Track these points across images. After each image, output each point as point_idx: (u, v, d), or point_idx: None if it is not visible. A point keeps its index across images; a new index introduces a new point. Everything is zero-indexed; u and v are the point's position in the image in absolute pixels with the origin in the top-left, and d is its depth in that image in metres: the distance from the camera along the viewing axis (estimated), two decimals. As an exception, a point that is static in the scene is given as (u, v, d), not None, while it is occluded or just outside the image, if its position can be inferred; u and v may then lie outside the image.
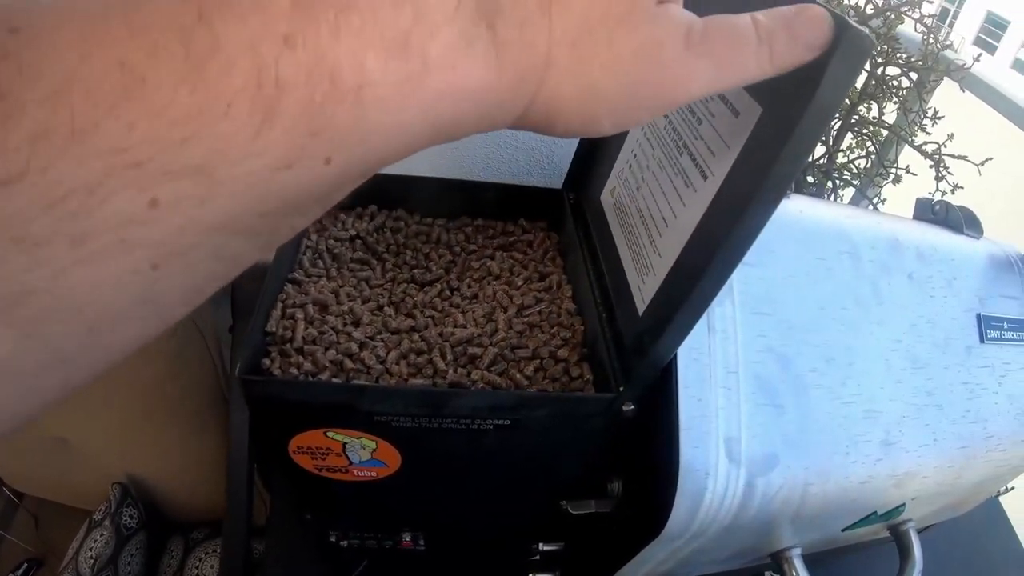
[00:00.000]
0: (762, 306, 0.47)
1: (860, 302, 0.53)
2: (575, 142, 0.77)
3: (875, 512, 0.57)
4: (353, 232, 0.58)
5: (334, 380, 0.45)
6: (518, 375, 0.46)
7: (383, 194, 0.62)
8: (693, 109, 0.42)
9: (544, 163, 0.78)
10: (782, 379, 0.47)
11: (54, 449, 0.80)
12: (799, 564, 0.55)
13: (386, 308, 0.52)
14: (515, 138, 0.75)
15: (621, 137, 0.53)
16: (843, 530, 0.59)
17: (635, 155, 0.50)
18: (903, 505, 0.58)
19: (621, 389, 0.43)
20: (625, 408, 0.44)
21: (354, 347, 0.46)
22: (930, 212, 0.67)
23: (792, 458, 0.47)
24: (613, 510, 0.51)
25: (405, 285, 0.55)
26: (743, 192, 0.35)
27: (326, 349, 0.46)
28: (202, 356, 0.78)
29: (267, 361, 0.45)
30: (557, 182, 0.81)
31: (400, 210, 0.62)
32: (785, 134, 0.30)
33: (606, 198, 0.55)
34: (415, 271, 0.56)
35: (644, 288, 0.45)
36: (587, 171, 0.61)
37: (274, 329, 0.47)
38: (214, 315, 0.80)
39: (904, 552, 0.61)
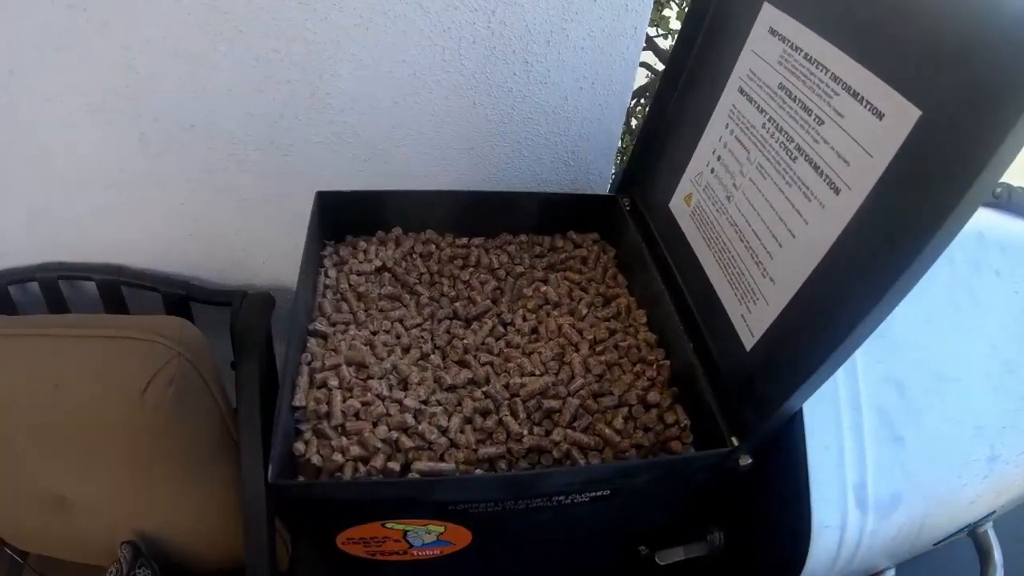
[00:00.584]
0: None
1: (959, 308, 0.49)
2: (598, 135, 0.71)
3: (968, 524, 0.54)
4: (378, 263, 0.51)
5: (390, 465, 0.37)
6: (607, 430, 0.40)
7: (407, 214, 0.54)
8: (807, 106, 0.36)
9: (568, 158, 0.72)
10: (899, 407, 0.42)
11: (53, 507, 0.72)
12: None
13: (432, 356, 0.45)
14: (535, 133, 0.68)
15: (693, 134, 0.47)
16: (935, 544, 0.56)
17: (719, 157, 0.44)
18: (994, 512, 0.55)
19: (735, 442, 0.38)
20: (742, 463, 0.38)
21: (409, 419, 0.39)
22: (991, 195, 0.63)
23: (913, 492, 0.43)
24: (710, 558, 0.46)
25: (448, 322, 0.48)
26: (908, 210, 0.29)
27: (375, 424, 0.39)
28: (204, 400, 0.70)
29: (301, 446, 0.38)
30: (586, 180, 0.75)
31: (429, 231, 0.55)
32: (978, 143, 0.25)
33: (678, 205, 0.49)
34: (456, 304, 0.49)
35: (751, 319, 0.40)
36: (648, 173, 0.54)
37: (304, 403, 0.39)
38: (212, 353, 0.72)
39: (984, 555, 0.58)
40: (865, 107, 0.32)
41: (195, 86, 0.59)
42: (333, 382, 0.40)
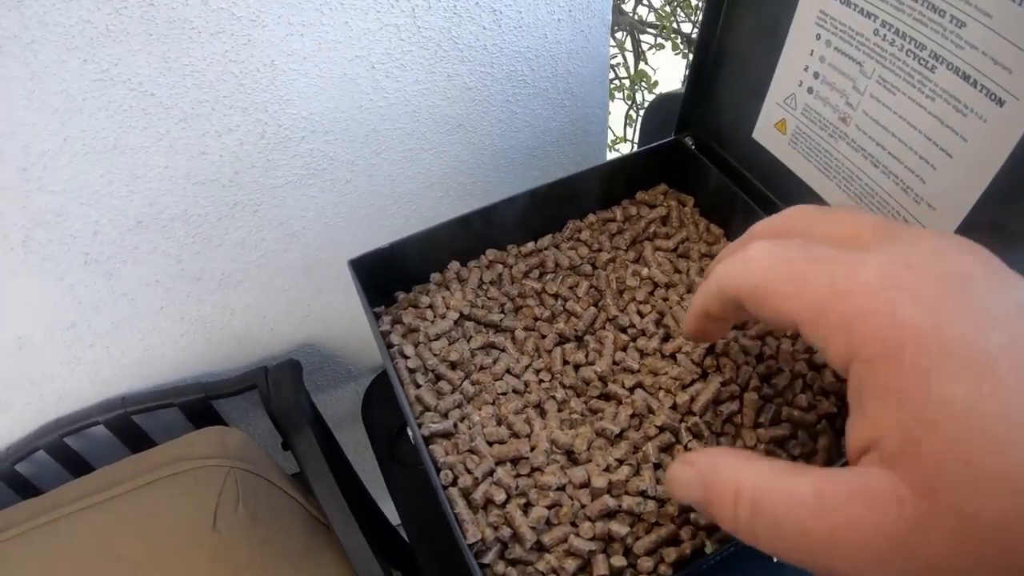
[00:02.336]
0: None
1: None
2: (588, 65, 0.62)
3: None
4: (453, 314, 0.43)
5: (614, 562, 0.32)
6: (796, 412, 0.35)
7: (456, 244, 0.46)
8: (937, 6, 0.28)
9: (563, 100, 0.62)
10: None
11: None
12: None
13: (571, 402, 0.38)
14: (522, 85, 0.59)
15: (766, 52, 0.39)
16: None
17: (817, 74, 0.36)
18: None
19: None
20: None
21: (610, 502, 0.32)
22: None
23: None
24: None
25: (559, 349, 0.41)
26: None
27: (574, 524, 0.33)
28: (279, 501, 0.64)
29: None
30: (585, 118, 0.65)
31: (490, 251, 0.47)
32: None
33: (768, 134, 0.41)
34: (558, 324, 0.42)
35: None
36: (710, 107, 0.46)
37: (480, 535, 0.33)
38: (262, 450, 0.65)
39: None
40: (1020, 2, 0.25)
41: (124, 178, 0.48)
42: (498, 495, 0.34)
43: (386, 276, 0.45)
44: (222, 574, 0.57)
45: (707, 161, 0.45)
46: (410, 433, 0.37)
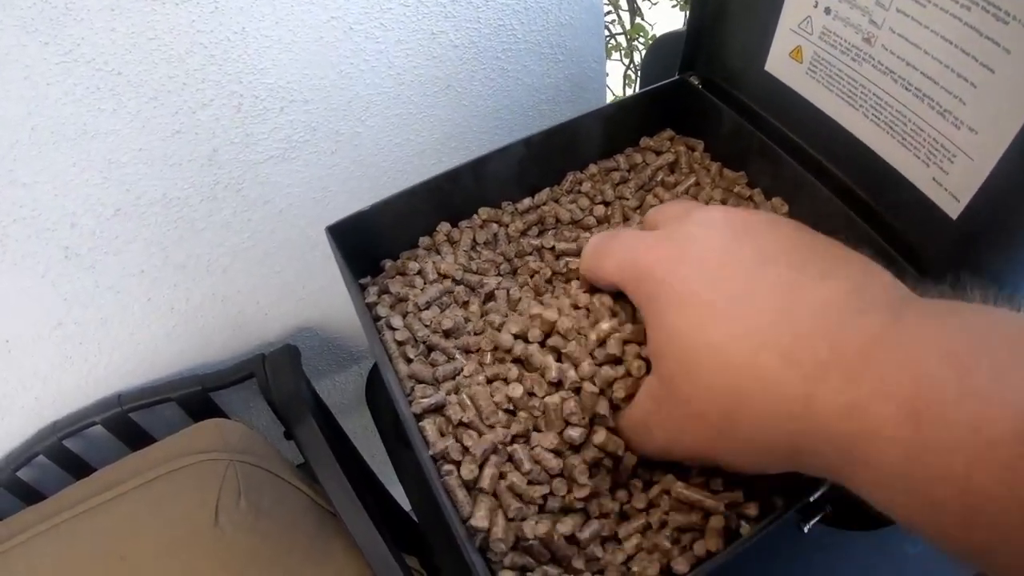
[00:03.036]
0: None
1: None
2: (581, 14, 0.59)
3: None
4: (446, 281, 0.41)
5: None
6: None
7: (445, 204, 0.44)
8: None
9: (556, 54, 0.60)
10: None
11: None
12: None
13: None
14: (511, 40, 0.56)
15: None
16: None
17: (831, -7, 0.34)
18: None
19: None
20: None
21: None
22: None
23: None
24: None
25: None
26: None
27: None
28: (282, 492, 0.63)
29: None
30: (581, 72, 0.63)
31: (483, 209, 0.45)
32: None
33: (783, 64, 0.39)
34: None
35: (951, 181, 0.32)
36: (714, 41, 0.43)
37: (487, 524, 0.31)
38: (264, 439, 0.64)
39: None
40: None
41: (97, 165, 0.46)
42: (512, 476, 0.32)
43: (370, 243, 0.42)
44: (227, 572, 0.57)
45: (716, 100, 0.43)
46: (402, 413, 0.35)
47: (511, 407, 0.34)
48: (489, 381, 0.36)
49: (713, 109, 0.43)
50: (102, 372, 0.58)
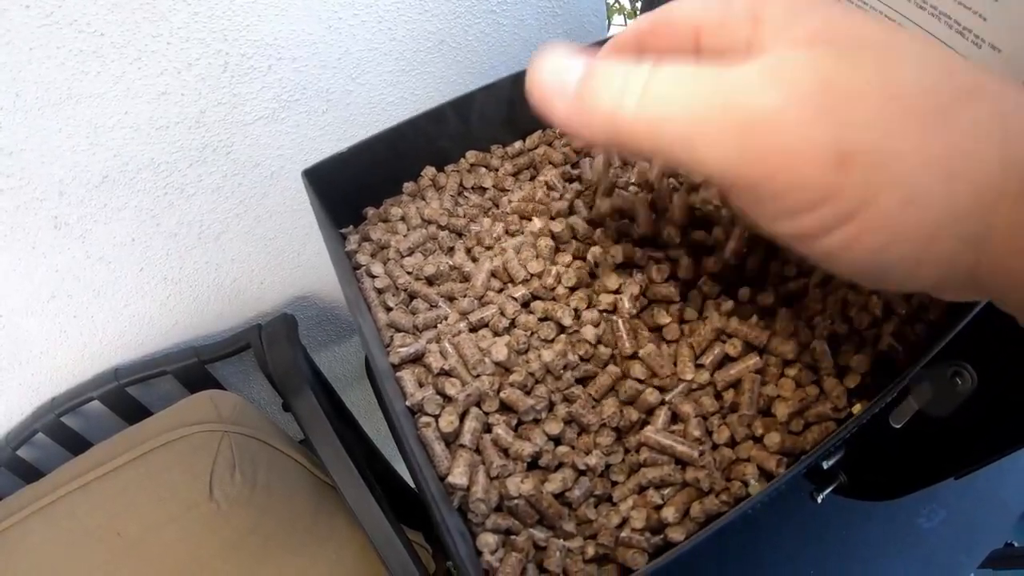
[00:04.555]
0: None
1: None
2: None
3: None
4: (430, 227, 0.41)
5: None
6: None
7: (430, 146, 0.43)
8: None
9: (554, 7, 0.60)
10: None
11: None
12: None
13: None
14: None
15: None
16: None
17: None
18: None
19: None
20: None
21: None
22: None
23: None
24: (961, 405, 0.41)
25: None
26: None
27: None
28: (279, 463, 0.64)
29: (491, 540, 0.30)
30: (581, 26, 0.63)
31: (470, 153, 0.45)
32: None
33: None
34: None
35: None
36: None
37: (465, 481, 0.31)
38: (258, 411, 0.65)
39: None
40: None
41: (84, 130, 0.47)
42: (498, 428, 0.33)
43: (351, 190, 0.42)
44: (225, 547, 0.58)
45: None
46: (375, 365, 0.34)
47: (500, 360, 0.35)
48: (473, 329, 0.36)
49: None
50: (97, 346, 0.59)
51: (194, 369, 0.64)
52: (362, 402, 0.89)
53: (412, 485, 0.81)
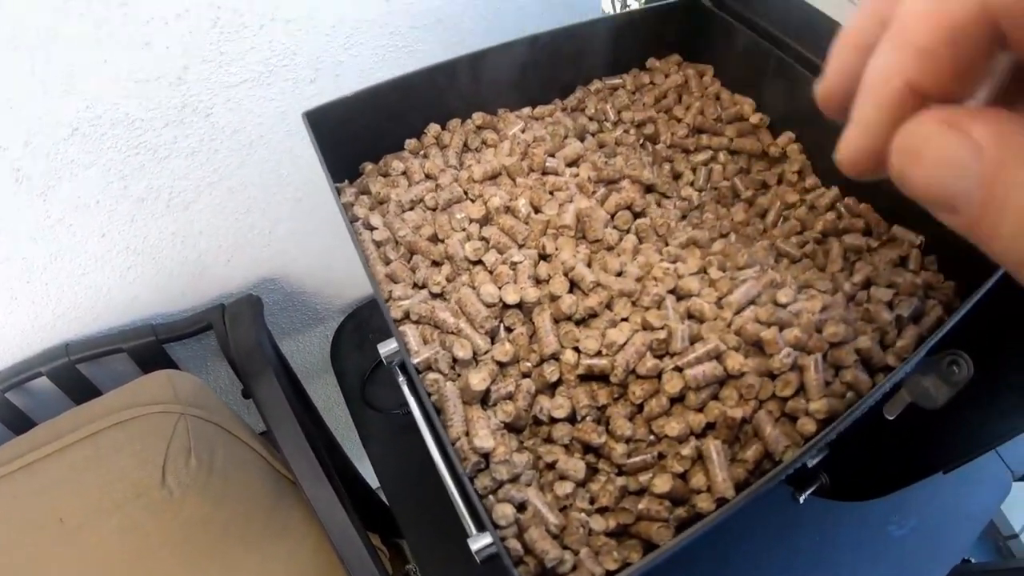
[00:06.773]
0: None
1: None
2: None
3: None
4: (430, 182, 0.41)
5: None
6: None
7: (437, 103, 0.44)
8: None
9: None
10: None
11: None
12: None
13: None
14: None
15: None
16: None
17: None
18: None
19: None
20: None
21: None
22: None
23: None
24: (957, 394, 0.43)
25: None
26: None
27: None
28: (236, 452, 0.63)
29: (508, 511, 0.31)
30: (585, 4, 0.65)
31: (477, 114, 0.45)
32: None
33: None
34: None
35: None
36: None
37: (493, 445, 0.31)
38: (217, 395, 0.64)
39: None
40: None
41: (58, 75, 0.46)
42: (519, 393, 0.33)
43: (352, 139, 0.42)
44: (175, 539, 0.56)
45: (729, 18, 0.45)
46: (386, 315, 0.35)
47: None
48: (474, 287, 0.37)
49: (724, 29, 0.46)
50: (49, 317, 0.58)
51: (151, 348, 0.62)
52: (325, 396, 0.88)
53: (374, 486, 0.80)
